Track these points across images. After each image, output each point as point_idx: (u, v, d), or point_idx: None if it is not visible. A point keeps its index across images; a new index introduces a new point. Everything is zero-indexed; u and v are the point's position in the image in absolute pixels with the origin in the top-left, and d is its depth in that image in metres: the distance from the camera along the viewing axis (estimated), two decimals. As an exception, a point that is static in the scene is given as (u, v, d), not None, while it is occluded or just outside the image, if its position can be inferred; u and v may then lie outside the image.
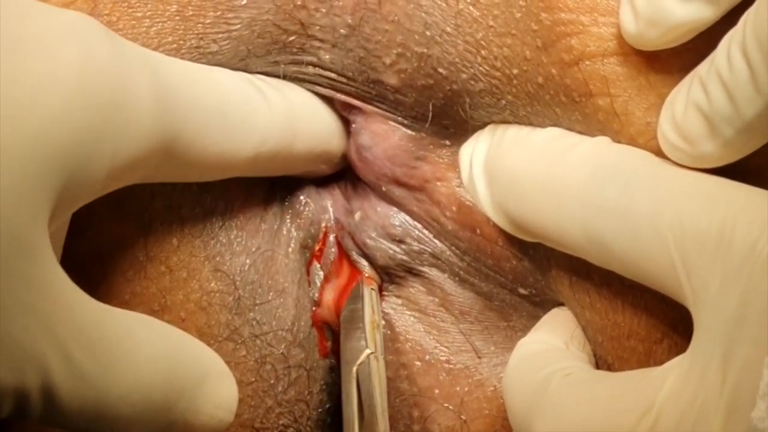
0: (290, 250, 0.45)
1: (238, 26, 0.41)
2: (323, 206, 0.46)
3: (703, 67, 0.35)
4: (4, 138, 0.27)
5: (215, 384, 0.37)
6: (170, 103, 0.34)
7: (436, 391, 0.45)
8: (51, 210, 0.29)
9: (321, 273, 0.46)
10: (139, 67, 0.33)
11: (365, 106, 0.43)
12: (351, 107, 0.43)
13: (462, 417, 0.44)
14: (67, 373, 0.30)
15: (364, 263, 0.46)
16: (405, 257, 0.45)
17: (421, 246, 0.44)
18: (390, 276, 0.46)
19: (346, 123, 0.44)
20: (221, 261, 0.43)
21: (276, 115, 0.40)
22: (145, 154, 0.33)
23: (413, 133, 0.43)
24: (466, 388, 0.45)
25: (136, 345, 0.33)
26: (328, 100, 0.44)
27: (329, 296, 0.46)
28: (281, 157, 0.41)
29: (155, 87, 0.34)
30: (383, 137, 0.43)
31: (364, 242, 0.45)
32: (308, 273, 0.46)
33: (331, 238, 0.46)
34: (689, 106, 0.35)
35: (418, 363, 0.46)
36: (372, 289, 0.45)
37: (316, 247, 0.46)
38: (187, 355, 0.36)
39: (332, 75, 0.43)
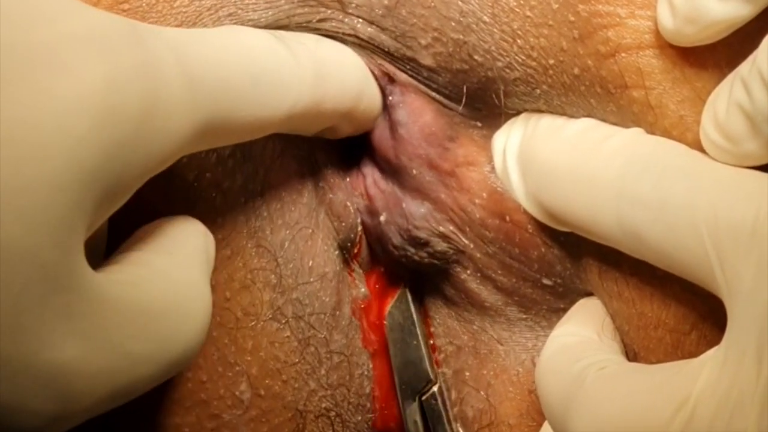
0: (330, 239, 0.45)
1: None
2: (358, 210, 0.46)
3: (744, 67, 0.35)
4: (33, 169, 0.27)
5: (209, 250, 0.39)
6: (200, 84, 0.34)
7: (467, 374, 0.46)
8: (87, 226, 0.29)
9: (361, 270, 0.47)
10: (166, 59, 0.32)
11: (400, 75, 0.43)
12: (388, 78, 0.43)
13: (490, 400, 0.45)
14: (133, 366, 0.31)
15: (394, 269, 0.46)
16: (430, 260, 0.45)
17: (445, 244, 0.45)
18: (419, 275, 0.46)
19: (384, 97, 0.44)
20: (262, 236, 0.43)
21: (305, 76, 0.40)
22: (180, 146, 0.33)
23: (446, 111, 0.43)
24: (492, 372, 0.45)
25: (183, 301, 0.34)
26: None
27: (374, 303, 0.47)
28: (311, 116, 0.41)
29: (183, 73, 0.33)
30: (419, 113, 0.43)
31: (390, 250, 0.45)
32: (350, 270, 0.46)
33: (365, 240, 0.47)
34: (731, 106, 0.35)
35: (449, 347, 0.46)
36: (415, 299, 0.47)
37: (354, 250, 0.46)
38: (206, 261, 0.37)
39: (369, 47, 0.43)
